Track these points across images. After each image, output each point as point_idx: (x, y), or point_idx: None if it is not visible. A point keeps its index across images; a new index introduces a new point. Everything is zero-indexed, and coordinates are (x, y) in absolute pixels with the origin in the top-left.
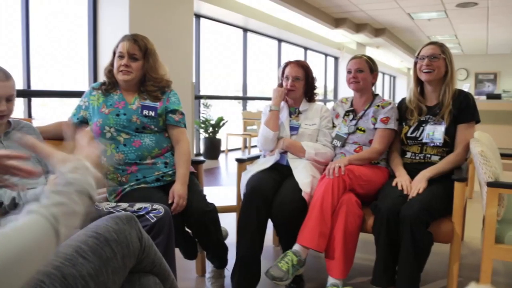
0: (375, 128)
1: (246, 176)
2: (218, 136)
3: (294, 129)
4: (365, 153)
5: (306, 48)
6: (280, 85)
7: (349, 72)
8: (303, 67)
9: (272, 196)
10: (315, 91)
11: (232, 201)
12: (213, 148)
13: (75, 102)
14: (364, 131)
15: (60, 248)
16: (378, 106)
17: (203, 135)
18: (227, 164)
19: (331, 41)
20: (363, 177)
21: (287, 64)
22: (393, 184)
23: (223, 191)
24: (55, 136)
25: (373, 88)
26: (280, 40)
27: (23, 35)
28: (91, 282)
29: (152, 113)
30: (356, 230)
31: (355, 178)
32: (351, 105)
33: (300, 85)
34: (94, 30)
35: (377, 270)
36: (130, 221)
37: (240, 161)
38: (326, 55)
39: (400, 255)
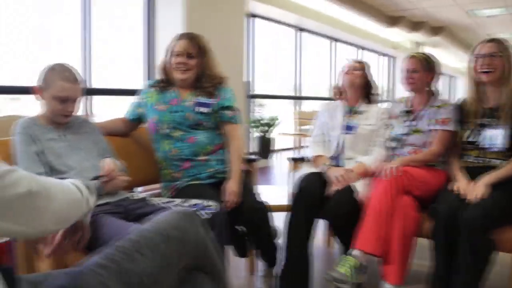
0: (432, 130)
1: (297, 176)
2: (270, 135)
3: (350, 128)
4: (422, 155)
5: (360, 48)
6: (338, 88)
7: (404, 71)
8: (362, 62)
9: (321, 197)
10: (376, 92)
11: (284, 200)
12: (265, 147)
13: (131, 100)
14: (421, 132)
15: (121, 241)
16: (436, 106)
17: (255, 134)
18: (278, 163)
19: (386, 40)
20: (420, 179)
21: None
22: (454, 188)
23: (275, 190)
24: (111, 132)
25: (433, 87)
26: (334, 40)
27: (84, 34)
28: (146, 279)
29: (206, 110)
30: (412, 234)
31: (412, 180)
32: (408, 105)
33: (358, 74)
34: (150, 29)
35: (434, 278)
36: (192, 218)
37: (293, 160)
38: (381, 54)
39: (457, 263)
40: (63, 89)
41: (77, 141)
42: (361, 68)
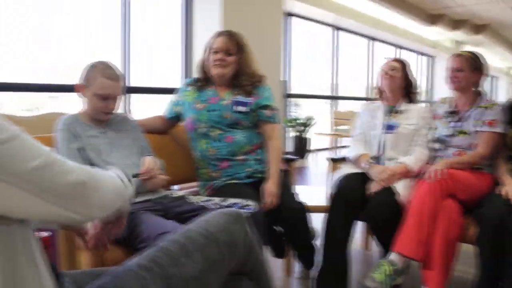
0: (479, 131)
1: (337, 176)
2: (307, 135)
3: (391, 127)
4: (467, 157)
5: (398, 47)
6: (379, 88)
7: (448, 70)
8: (401, 62)
9: (360, 198)
10: (416, 90)
11: (322, 201)
12: (301, 147)
13: (168, 98)
14: (466, 134)
15: (166, 243)
16: (483, 107)
17: (292, 133)
18: (315, 163)
19: (425, 39)
20: (465, 182)
21: (385, 62)
22: (502, 192)
23: (313, 191)
24: (150, 129)
25: (481, 87)
26: (371, 39)
27: (123, 33)
28: (191, 284)
29: (244, 109)
30: (456, 239)
31: (457, 182)
32: (452, 105)
33: (397, 76)
34: (187, 28)
35: (479, 285)
36: (239, 220)
37: (332, 160)
38: (420, 54)
39: (505, 271)
40: (105, 87)
41: (117, 138)
42: (400, 68)
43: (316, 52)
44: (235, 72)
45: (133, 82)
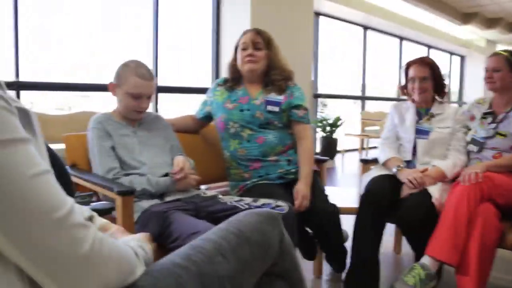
0: None
1: (366, 178)
2: (334, 135)
3: (423, 132)
4: (505, 160)
5: (429, 46)
6: (404, 87)
7: (486, 70)
8: (429, 64)
9: (390, 200)
10: (447, 90)
11: (353, 202)
12: (329, 148)
13: (198, 97)
14: (505, 135)
15: (200, 241)
16: None
17: (320, 134)
18: (343, 164)
19: (457, 39)
20: (504, 186)
21: (409, 64)
22: None
23: (343, 192)
24: (180, 129)
25: None
26: (401, 38)
27: (154, 33)
28: (227, 284)
29: (276, 109)
30: (493, 245)
31: (495, 186)
32: (490, 106)
33: (429, 86)
34: (217, 28)
35: None
36: (273, 221)
37: (364, 161)
38: (451, 53)
39: None
40: (137, 86)
41: (149, 137)
42: (429, 76)
43: (344, 51)
44: (265, 68)
45: (162, 82)
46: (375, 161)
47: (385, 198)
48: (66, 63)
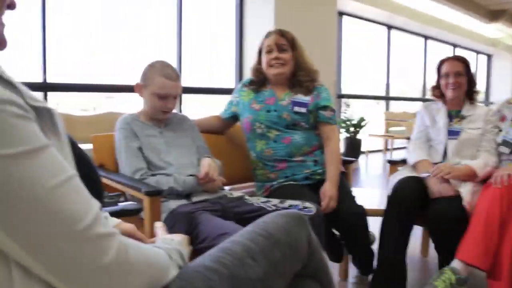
0: None
1: (394, 179)
2: (358, 136)
3: (454, 133)
4: None
5: (454, 45)
6: (436, 87)
7: None
8: (463, 61)
9: (418, 202)
10: (477, 90)
11: (381, 204)
12: (353, 149)
13: (220, 98)
14: None
15: (229, 244)
16: None
17: (343, 135)
18: (366, 165)
19: (483, 37)
20: None
21: (443, 61)
22: None
23: (370, 193)
24: (206, 129)
25: None
26: (426, 37)
27: (178, 35)
28: (258, 287)
29: (303, 110)
30: None
31: None
32: None
33: (463, 82)
34: (240, 28)
35: None
36: (300, 222)
37: (391, 163)
38: (477, 52)
39: None
40: (163, 86)
41: (175, 138)
42: (464, 71)
43: (367, 51)
44: (292, 68)
45: (185, 83)
46: (402, 162)
47: (414, 200)
48: (91, 64)
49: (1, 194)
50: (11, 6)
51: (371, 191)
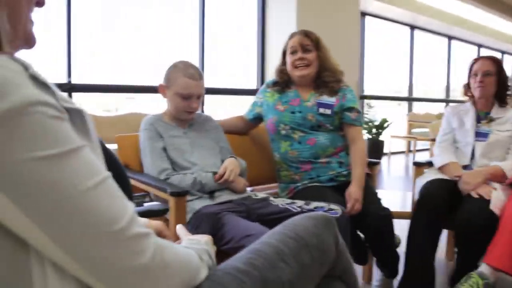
0: None
1: (421, 182)
2: (381, 138)
3: (482, 135)
4: None
5: (479, 46)
6: (467, 85)
7: None
8: (495, 61)
9: (446, 206)
10: (509, 92)
11: (404, 206)
12: (376, 150)
13: (243, 99)
14: None
15: (259, 245)
16: None
17: (366, 136)
18: (389, 166)
19: (509, 37)
20: None
21: (475, 60)
22: None
23: (393, 195)
24: (230, 130)
25: None
26: (450, 37)
27: (200, 37)
28: None
29: (328, 111)
30: None
31: None
32: None
33: (491, 81)
34: (262, 29)
35: None
36: (328, 224)
37: (417, 165)
38: (503, 52)
39: None
40: (186, 86)
41: (199, 138)
42: (494, 71)
43: (390, 52)
44: (317, 69)
45: (207, 83)
46: (428, 164)
47: (442, 203)
48: (114, 64)
49: (38, 197)
50: (40, 4)
51: (394, 193)
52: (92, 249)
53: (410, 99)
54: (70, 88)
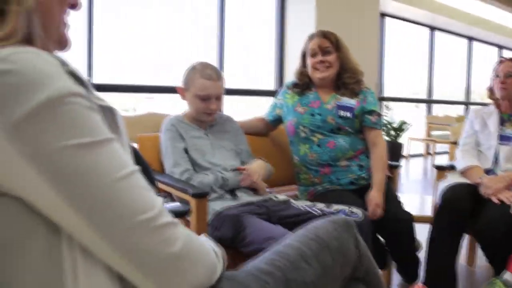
0: None
1: (442, 185)
2: (399, 140)
3: (506, 138)
4: None
5: (500, 47)
6: (491, 89)
7: None
8: None
9: (468, 210)
10: None
11: (424, 210)
12: (394, 153)
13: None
14: None
15: (282, 247)
16: None
17: (384, 138)
18: (407, 169)
19: None
20: None
21: (499, 61)
22: None
23: (413, 199)
24: (250, 131)
25: None
26: (470, 38)
27: (219, 36)
28: None
29: (348, 114)
30: None
31: None
32: None
33: None
34: (281, 30)
35: None
36: (349, 227)
37: (439, 168)
38: None
39: None
40: (204, 87)
41: (220, 139)
42: None
43: (409, 53)
44: (337, 70)
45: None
46: (450, 168)
47: (465, 207)
48: (132, 64)
49: (76, 182)
50: (74, 6)
51: (413, 197)
52: (128, 236)
53: (430, 101)
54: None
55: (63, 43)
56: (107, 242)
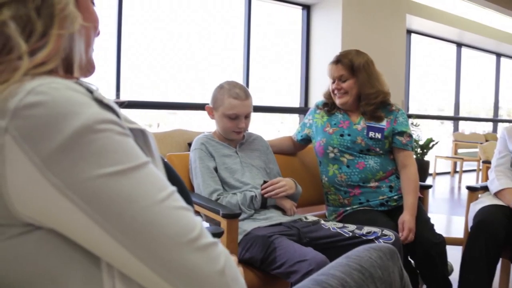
0: None
1: (475, 207)
2: (426, 158)
3: None
4: None
5: None
6: None
7: None
8: None
9: (503, 233)
10: None
11: (449, 231)
12: (421, 171)
13: (288, 117)
14: None
15: (323, 277)
16: None
17: None
18: (434, 188)
19: None
20: None
21: None
22: None
23: (441, 219)
24: (279, 150)
25: None
26: (498, 55)
27: (245, 54)
28: None
29: (378, 135)
30: None
31: None
32: None
33: None
34: (307, 47)
35: None
36: (393, 256)
37: (471, 189)
38: None
39: None
40: (233, 107)
41: (250, 158)
42: None
43: (434, 69)
44: (355, 96)
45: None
46: (483, 188)
47: (500, 230)
48: (157, 80)
49: (113, 210)
50: (99, 34)
51: (441, 217)
52: (173, 259)
53: (457, 118)
54: (119, 105)
55: (91, 69)
56: (150, 267)
